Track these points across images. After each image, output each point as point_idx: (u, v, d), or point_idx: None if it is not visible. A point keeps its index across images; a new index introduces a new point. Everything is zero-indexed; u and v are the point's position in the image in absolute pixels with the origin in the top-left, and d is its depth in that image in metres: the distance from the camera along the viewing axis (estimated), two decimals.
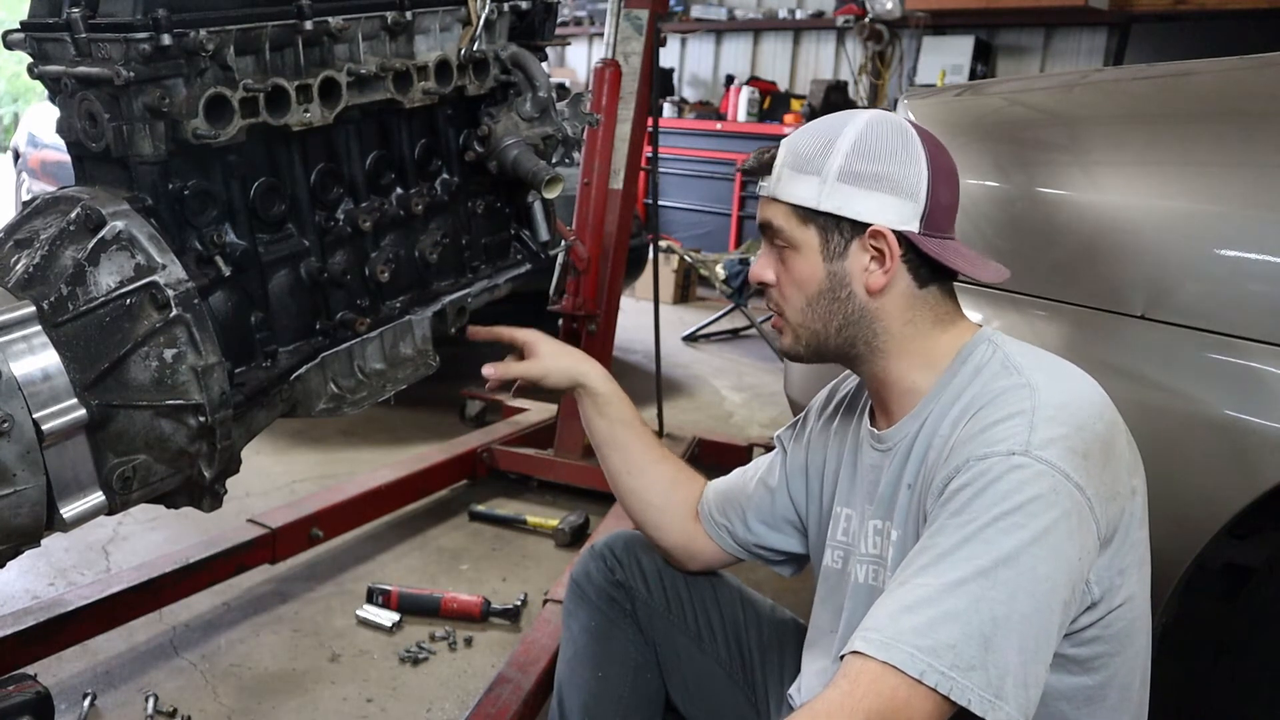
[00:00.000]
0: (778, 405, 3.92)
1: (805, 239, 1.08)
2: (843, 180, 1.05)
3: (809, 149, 1.07)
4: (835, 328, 1.09)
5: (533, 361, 1.39)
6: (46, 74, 1.18)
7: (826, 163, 1.05)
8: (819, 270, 1.08)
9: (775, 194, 1.09)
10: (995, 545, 0.88)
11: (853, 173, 1.05)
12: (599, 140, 2.72)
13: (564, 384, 1.39)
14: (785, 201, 1.08)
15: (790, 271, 1.10)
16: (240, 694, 1.90)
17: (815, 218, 1.07)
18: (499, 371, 1.38)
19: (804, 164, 1.07)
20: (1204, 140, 1.36)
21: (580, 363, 1.39)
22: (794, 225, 1.08)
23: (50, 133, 2.97)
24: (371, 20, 1.34)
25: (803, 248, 1.08)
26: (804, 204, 1.07)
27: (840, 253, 1.07)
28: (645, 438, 1.40)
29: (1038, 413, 0.94)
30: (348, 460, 3.11)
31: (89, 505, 1.12)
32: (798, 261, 1.09)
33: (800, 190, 1.07)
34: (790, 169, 1.08)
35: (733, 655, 1.39)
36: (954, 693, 0.84)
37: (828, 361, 1.14)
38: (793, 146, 1.09)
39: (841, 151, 1.05)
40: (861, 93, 6.42)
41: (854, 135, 1.06)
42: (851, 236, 1.06)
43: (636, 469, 1.39)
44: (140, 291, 1.10)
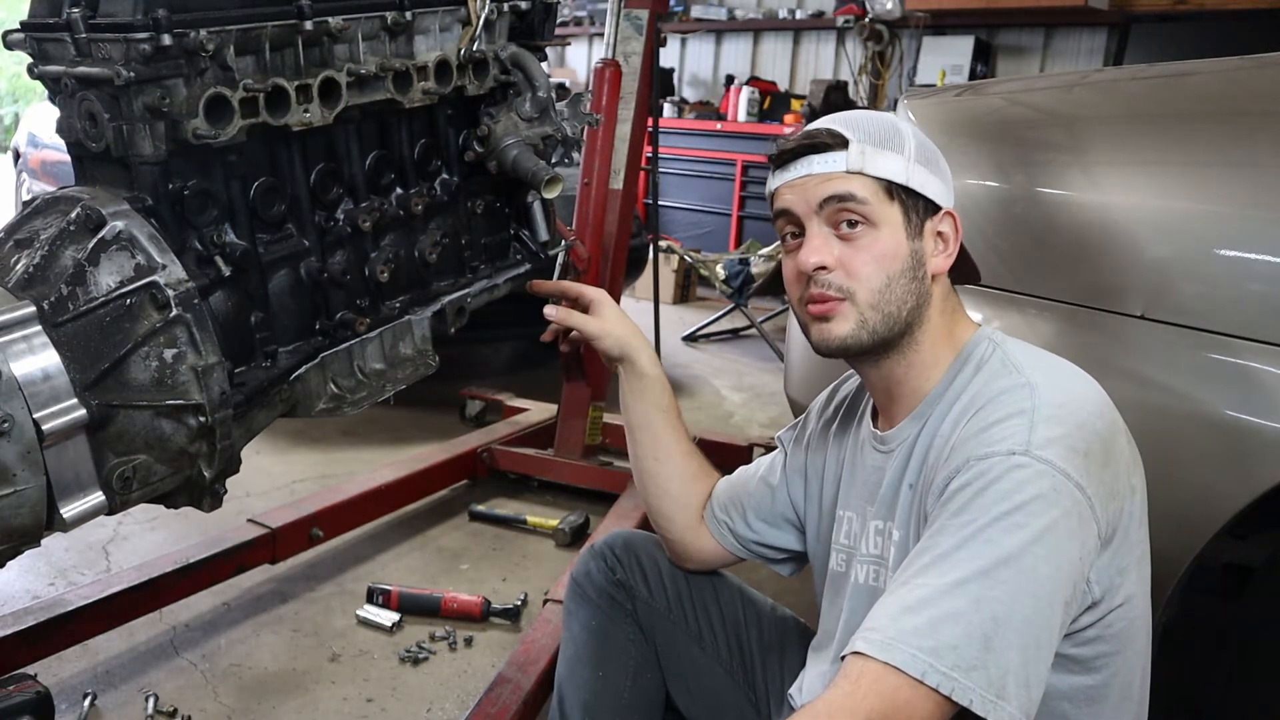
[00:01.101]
0: (778, 405, 3.91)
1: (890, 215, 1.06)
2: (919, 160, 1.07)
3: (878, 128, 1.07)
4: (909, 309, 1.07)
5: (593, 319, 1.37)
6: (46, 74, 1.18)
7: (905, 143, 1.07)
8: (903, 248, 1.06)
9: (863, 168, 1.05)
10: (996, 545, 0.88)
11: (924, 156, 1.08)
12: (599, 140, 2.72)
13: (614, 352, 1.37)
14: (874, 175, 1.05)
15: (868, 250, 1.05)
16: (240, 694, 1.90)
17: (900, 194, 1.06)
18: (560, 315, 1.36)
19: (884, 140, 1.06)
20: (1204, 140, 1.36)
21: (635, 337, 1.38)
22: (881, 200, 1.06)
23: (50, 133, 2.97)
24: (371, 20, 1.34)
25: (886, 224, 1.06)
26: (894, 178, 1.06)
27: (918, 232, 1.07)
28: (678, 428, 1.40)
29: (1038, 412, 0.94)
30: (348, 460, 3.11)
31: (89, 505, 1.12)
32: (878, 239, 1.05)
33: (889, 164, 1.06)
34: (874, 144, 1.06)
35: (733, 654, 1.39)
36: (955, 693, 0.84)
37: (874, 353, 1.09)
38: (857, 126, 1.07)
39: (911, 135, 1.08)
40: (861, 93, 6.42)
41: (909, 125, 1.09)
42: (926, 217, 1.08)
43: (664, 456, 1.39)
44: (140, 291, 1.10)
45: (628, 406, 1.40)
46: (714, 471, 1.43)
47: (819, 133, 1.08)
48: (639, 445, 1.40)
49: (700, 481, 1.40)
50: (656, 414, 1.38)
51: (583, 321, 1.36)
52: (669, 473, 1.39)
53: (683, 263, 5.64)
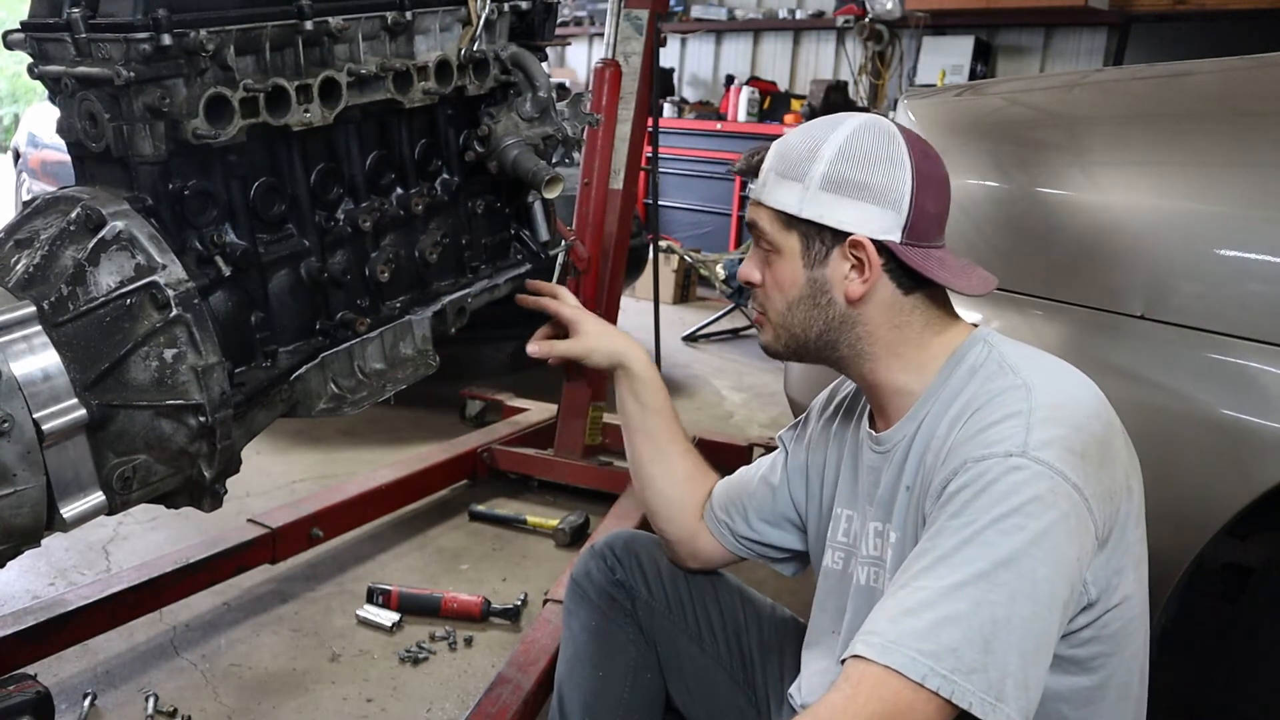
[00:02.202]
0: (778, 405, 3.92)
1: (787, 244, 1.09)
2: (824, 188, 1.05)
3: (795, 155, 1.08)
4: (815, 333, 1.10)
5: (576, 340, 1.39)
6: (47, 74, 1.18)
7: (810, 169, 1.06)
8: (800, 276, 1.09)
9: (760, 198, 1.11)
10: (995, 547, 0.88)
11: (834, 181, 1.05)
12: (599, 140, 2.72)
13: (605, 365, 1.39)
14: (769, 206, 1.09)
15: (773, 274, 1.11)
16: (240, 694, 1.90)
17: (797, 224, 1.07)
18: (544, 350, 1.39)
19: (789, 169, 1.07)
20: (1204, 140, 1.36)
21: (624, 344, 1.39)
22: (777, 230, 1.09)
23: (50, 133, 2.97)
24: (372, 20, 1.34)
25: (785, 252, 1.09)
26: (786, 210, 1.07)
27: (821, 260, 1.07)
28: (674, 429, 1.40)
29: (1034, 414, 0.94)
30: (348, 460, 3.11)
31: (89, 505, 1.12)
32: (780, 265, 1.10)
33: (783, 196, 1.08)
34: (776, 174, 1.09)
35: (733, 655, 1.39)
36: (955, 695, 0.84)
37: (809, 362, 1.16)
38: (780, 151, 1.10)
39: (825, 159, 1.05)
40: (861, 93, 6.42)
41: (839, 142, 1.05)
42: (833, 244, 1.07)
43: (661, 457, 1.39)
44: (140, 291, 1.10)
45: (624, 410, 1.41)
46: (711, 471, 1.43)
47: (755, 155, 1.14)
48: (636, 448, 1.41)
49: (698, 482, 1.40)
50: (652, 416, 1.39)
51: (566, 348, 1.39)
52: (667, 474, 1.39)
53: (683, 263, 5.65)
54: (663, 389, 1.40)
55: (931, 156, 1.08)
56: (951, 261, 1.09)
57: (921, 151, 1.06)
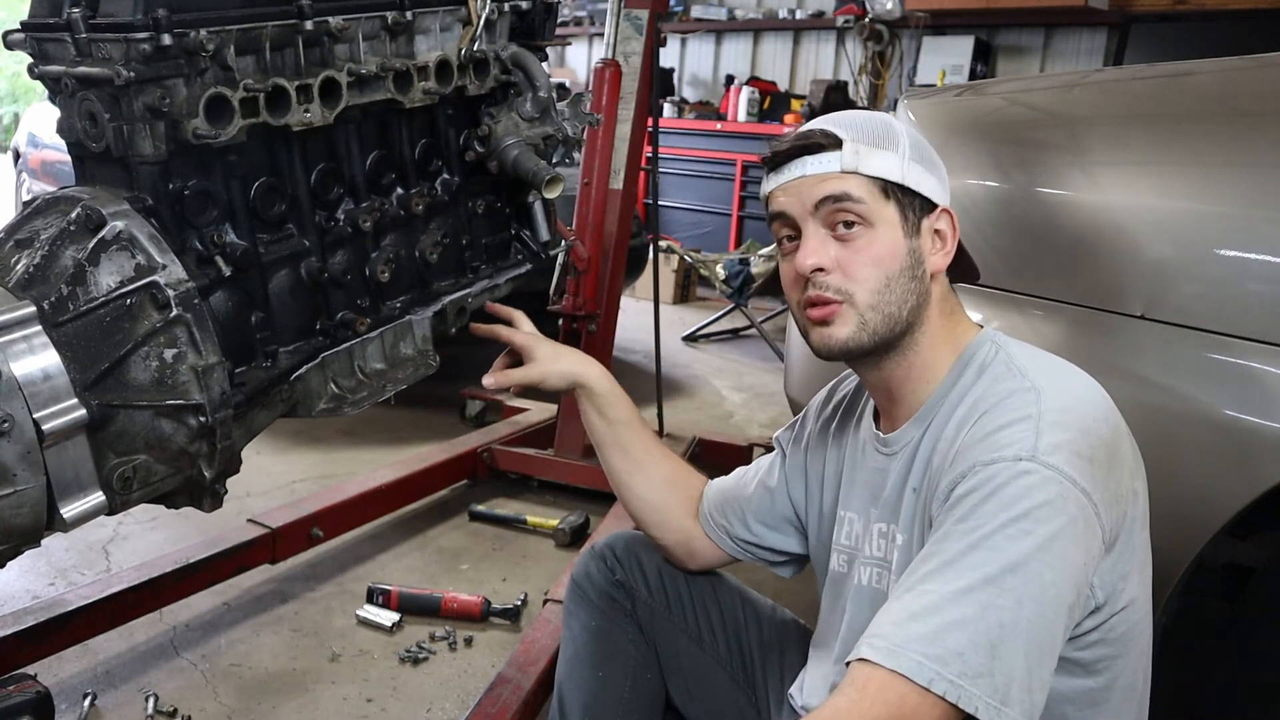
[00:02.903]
0: (778, 405, 3.91)
1: (886, 214, 1.05)
2: (914, 159, 1.06)
3: (875, 128, 1.07)
4: (909, 309, 1.06)
5: (530, 367, 1.38)
6: (47, 74, 1.18)
7: (900, 142, 1.06)
8: (901, 246, 1.05)
9: (858, 167, 1.04)
10: (1002, 552, 0.87)
11: (919, 155, 1.07)
12: (599, 140, 2.72)
13: (563, 386, 1.39)
14: (869, 175, 1.04)
15: (865, 250, 1.04)
16: (240, 694, 1.90)
17: (895, 192, 1.05)
18: (499, 381, 1.39)
19: (878, 139, 1.06)
20: (1204, 140, 1.36)
21: (578, 364, 1.39)
22: (876, 199, 1.05)
23: (50, 133, 2.97)
24: (372, 20, 1.34)
25: (883, 224, 1.05)
26: (889, 177, 1.05)
27: (915, 230, 1.07)
28: (645, 437, 1.40)
29: (1043, 418, 0.93)
30: (348, 460, 3.11)
31: (89, 505, 1.12)
32: (875, 239, 1.05)
33: (884, 163, 1.05)
34: (867, 144, 1.05)
35: (733, 655, 1.39)
36: (961, 700, 0.84)
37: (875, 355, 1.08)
38: (855, 124, 1.06)
39: (905, 134, 1.07)
40: (861, 93, 6.42)
41: (902, 125, 1.08)
42: (921, 215, 1.07)
43: (637, 468, 1.39)
44: (140, 291, 1.10)
45: (591, 426, 1.40)
46: (694, 471, 1.43)
47: (813, 133, 1.07)
48: (611, 462, 1.41)
49: (681, 485, 1.40)
50: (621, 428, 1.39)
51: (519, 376, 1.38)
52: (646, 483, 1.39)
53: (683, 263, 5.64)
54: (625, 400, 1.39)
55: None
56: None
57: None
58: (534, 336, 1.42)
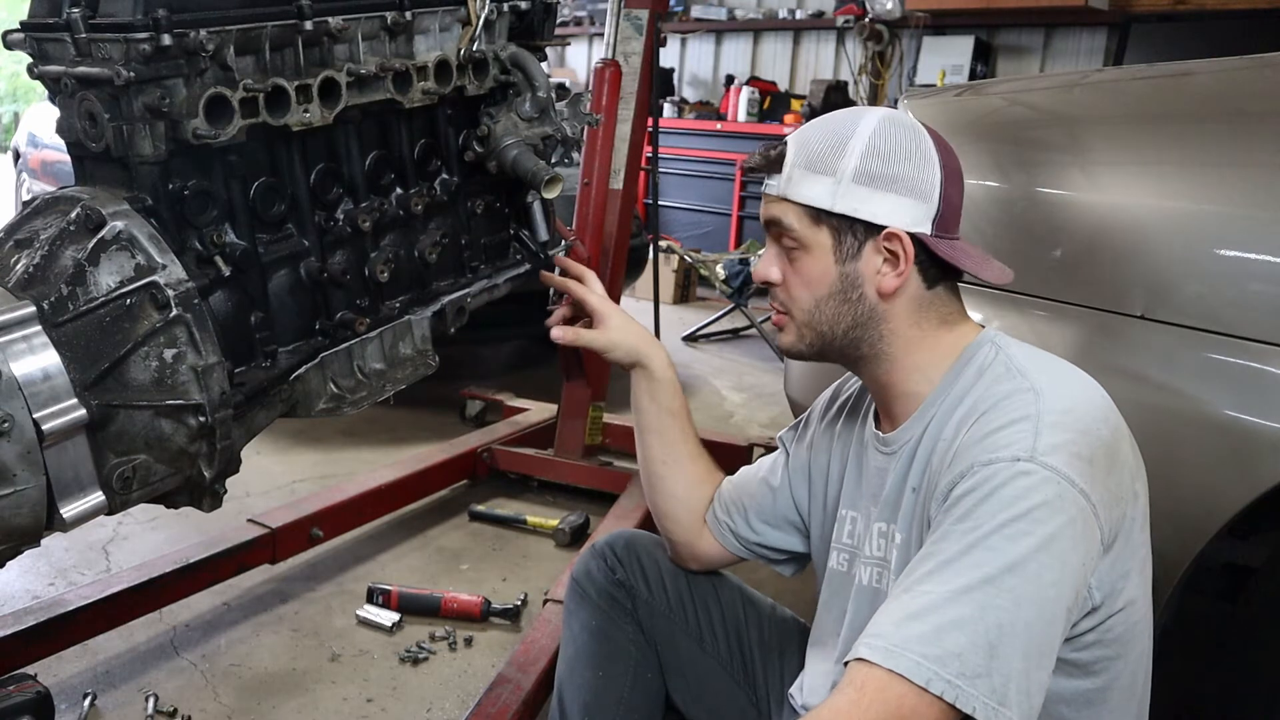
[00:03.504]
0: (778, 405, 3.91)
1: (817, 240, 1.07)
2: (857, 181, 1.04)
3: (821, 148, 1.06)
4: (843, 329, 1.08)
5: (600, 332, 1.37)
6: (46, 74, 1.18)
7: (840, 163, 1.04)
8: (830, 271, 1.07)
9: (786, 194, 1.07)
10: (1001, 552, 0.87)
11: (867, 174, 1.04)
12: (599, 140, 2.72)
13: (626, 361, 1.37)
14: (797, 202, 1.06)
15: (800, 272, 1.08)
16: (240, 694, 1.90)
17: (828, 219, 1.06)
18: (569, 336, 1.36)
19: (817, 163, 1.05)
20: (1204, 140, 1.36)
21: (646, 343, 1.38)
22: (806, 225, 1.07)
23: (50, 133, 2.97)
24: (371, 20, 1.34)
25: (814, 248, 1.07)
26: (817, 205, 1.05)
27: (853, 254, 1.06)
28: (688, 431, 1.40)
29: (1043, 418, 0.93)
30: (348, 460, 3.11)
31: (89, 505, 1.12)
32: (808, 262, 1.08)
33: (813, 190, 1.05)
34: (802, 168, 1.06)
35: (734, 654, 1.39)
36: (959, 700, 0.84)
37: (828, 361, 1.14)
38: (804, 144, 1.07)
39: (855, 152, 1.04)
40: (861, 93, 6.42)
41: (867, 135, 1.04)
42: (865, 238, 1.05)
43: (672, 459, 1.39)
44: (140, 291, 1.10)
45: (640, 409, 1.39)
46: (719, 473, 1.43)
47: (770, 149, 1.11)
48: (649, 448, 1.40)
49: (706, 484, 1.40)
50: (668, 417, 1.38)
51: (590, 338, 1.36)
52: (677, 475, 1.39)
53: (683, 263, 5.64)
54: (680, 392, 1.39)
55: (951, 149, 1.09)
56: (973, 251, 1.09)
57: (943, 144, 1.07)
58: (608, 301, 1.40)
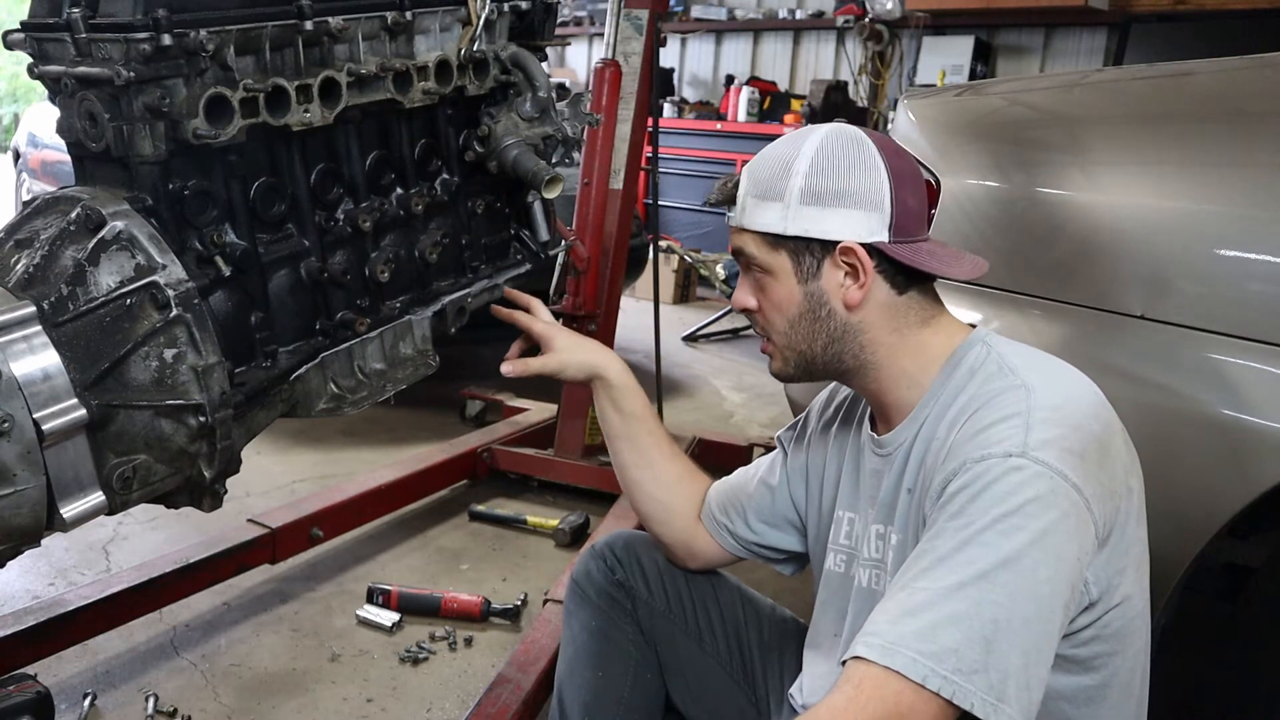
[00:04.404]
0: (778, 405, 3.92)
1: (778, 264, 1.09)
2: (805, 202, 1.06)
3: (767, 174, 1.08)
4: (820, 346, 1.10)
5: (549, 356, 1.39)
6: (46, 74, 1.18)
7: (787, 186, 1.06)
8: (795, 293, 1.09)
9: (742, 223, 1.11)
10: (995, 548, 0.88)
11: (813, 192, 1.05)
12: (599, 140, 2.72)
13: (581, 377, 1.39)
14: (753, 230, 1.09)
15: (769, 296, 1.11)
16: (240, 694, 1.90)
17: (784, 242, 1.08)
18: (517, 369, 1.38)
19: (765, 191, 1.08)
20: (1204, 140, 1.36)
21: (597, 355, 1.40)
22: (765, 252, 1.09)
23: (50, 133, 2.97)
24: (371, 20, 1.34)
25: (777, 272, 1.09)
26: (770, 230, 1.08)
27: (814, 273, 1.08)
28: (657, 433, 1.40)
29: (1033, 414, 0.94)
30: (348, 460, 3.11)
31: (89, 505, 1.12)
32: (774, 286, 1.10)
33: (765, 217, 1.08)
34: (753, 197, 1.09)
35: (733, 655, 1.39)
36: (957, 696, 0.84)
37: (820, 379, 1.16)
38: (753, 174, 1.10)
39: (800, 173, 1.06)
40: (861, 93, 6.42)
41: (810, 154, 1.06)
42: (823, 255, 1.07)
43: (645, 463, 1.39)
44: (140, 291, 1.10)
45: (605, 419, 1.41)
46: (702, 473, 1.44)
47: (727, 182, 1.14)
48: (621, 455, 1.41)
49: (688, 483, 1.40)
50: (634, 422, 1.39)
51: (539, 365, 1.39)
52: (653, 479, 1.39)
53: (683, 263, 5.65)
54: (641, 394, 1.40)
55: (901, 152, 1.09)
56: (940, 251, 1.09)
57: (891, 149, 1.08)
58: (554, 325, 1.42)
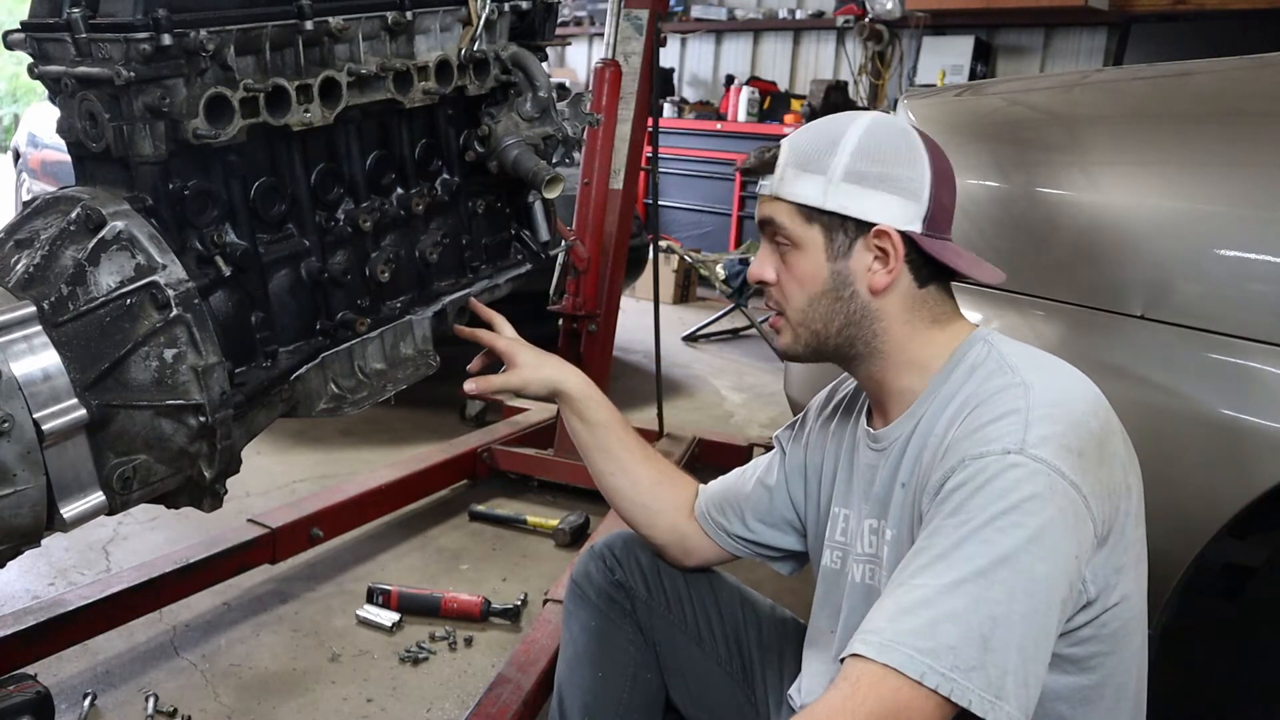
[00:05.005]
0: (778, 405, 3.92)
1: (809, 238, 1.08)
2: (848, 180, 1.05)
3: (813, 148, 1.07)
4: (836, 327, 1.09)
5: (511, 373, 1.41)
6: (47, 74, 1.18)
7: (831, 162, 1.06)
8: (823, 269, 1.08)
9: (778, 193, 1.09)
10: (993, 545, 0.88)
11: (857, 172, 1.05)
12: (599, 140, 2.72)
13: (542, 393, 1.41)
14: (789, 200, 1.08)
15: (792, 270, 1.10)
16: (240, 694, 1.90)
17: (819, 217, 1.07)
18: (480, 387, 1.40)
19: (808, 163, 1.07)
20: (1204, 140, 1.36)
21: (557, 371, 1.40)
22: (797, 224, 1.08)
23: (50, 133, 2.97)
24: (372, 20, 1.34)
25: (806, 246, 1.08)
26: (808, 203, 1.07)
27: (844, 252, 1.07)
28: (627, 438, 1.41)
29: (1032, 411, 0.94)
30: (348, 460, 3.11)
31: (89, 505, 1.12)
32: (800, 260, 1.09)
33: (805, 189, 1.07)
34: (794, 168, 1.08)
35: (732, 654, 1.39)
36: (955, 694, 0.84)
37: (825, 361, 1.15)
38: (796, 145, 1.09)
39: (847, 151, 1.06)
40: (861, 93, 6.42)
41: (858, 135, 1.06)
42: (856, 236, 1.07)
43: (620, 469, 1.40)
44: (140, 291, 1.10)
45: (575, 433, 1.42)
46: (680, 471, 1.45)
47: (765, 150, 1.12)
48: (595, 464, 1.42)
49: (668, 484, 1.40)
50: (601, 431, 1.39)
51: (501, 382, 1.40)
52: (631, 483, 1.40)
53: (683, 263, 5.65)
54: (606, 403, 1.41)
55: (942, 152, 1.10)
56: (964, 252, 1.11)
57: (934, 148, 1.09)
58: (516, 342, 1.43)
